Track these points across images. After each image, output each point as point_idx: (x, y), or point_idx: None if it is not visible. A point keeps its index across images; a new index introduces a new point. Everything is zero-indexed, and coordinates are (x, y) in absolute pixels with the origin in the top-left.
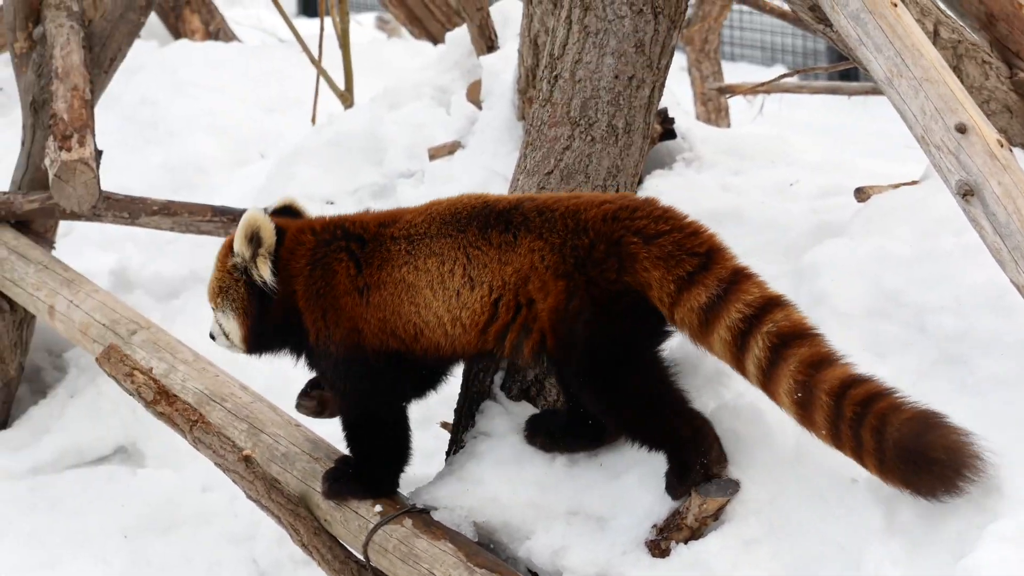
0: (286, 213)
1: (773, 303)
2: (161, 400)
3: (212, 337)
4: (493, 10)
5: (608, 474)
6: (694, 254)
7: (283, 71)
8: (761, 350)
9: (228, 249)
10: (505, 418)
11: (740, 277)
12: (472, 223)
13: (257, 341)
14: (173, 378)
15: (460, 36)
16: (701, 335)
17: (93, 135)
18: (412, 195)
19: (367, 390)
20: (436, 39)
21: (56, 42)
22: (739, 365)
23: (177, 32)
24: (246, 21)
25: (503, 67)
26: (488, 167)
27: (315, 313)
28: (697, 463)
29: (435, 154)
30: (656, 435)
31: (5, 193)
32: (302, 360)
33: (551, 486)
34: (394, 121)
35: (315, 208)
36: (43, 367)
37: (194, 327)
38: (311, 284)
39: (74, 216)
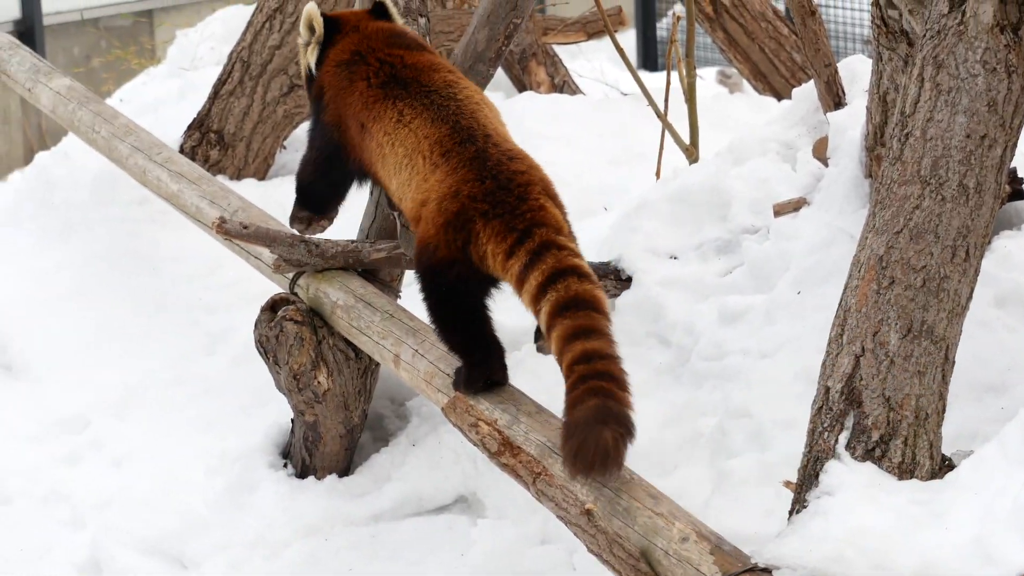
0: (379, 10)
1: (562, 273)
2: (505, 451)
3: None
4: (840, 66)
5: None
6: (515, 230)
7: (627, 124)
8: (544, 316)
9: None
10: (849, 477)
11: (544, 248)
12: (447, 124)
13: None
14: (516, 429)
15: (807, 92)
16: (520, 296)
17: None
18: (757, 251)
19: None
20: (780, 94)
21: None
22: (540, 322)
23: (522, 84)
24: (589, 73)
25: (850, 124)
26: (834, 224)
27: (332, 109)
28: (479, 375)
29: (780, 210)
30: (457, 348)
31: (353, 242)
32: None
33: (897, 545)
34: (739, 176)
35: (656, 260)
36: (386, 415)
37: (535, 379)
38: (333, 80)
39: None
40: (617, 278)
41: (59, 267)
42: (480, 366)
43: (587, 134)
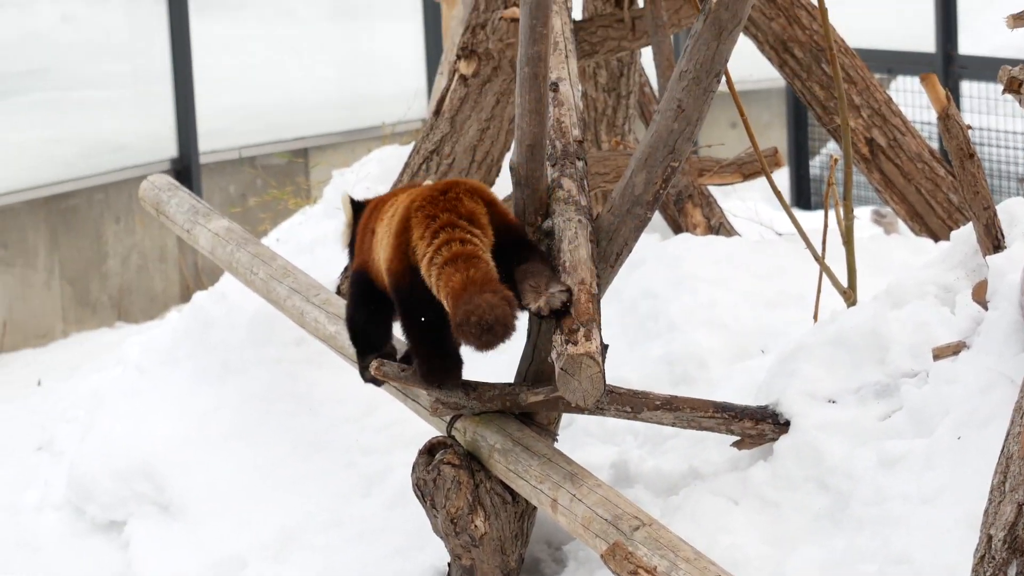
0: None
1: (449, 242)
2: None
3: None
4: (999, 208)
5: None
6: (432, 217)
7: (784, 265)
8: (434, 278)
9: None
10: None
11: (446, 226)
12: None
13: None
14: None
15: (965, 234)
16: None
17: (599, 329)
18: (916, 395)
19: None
20: (937, 235)
21: (564, 236)
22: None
23: (678, 226)
24: (743, 213)
25: (1009, 267)
26: (994, 369)
27: (357, 255)
28: (438, 376)
29: (939, 354)
30: (420, 352)
31: (510, 385)
32: None
33: None
34: (897, 319)
35: (814, 404)
36: (542, 559)
37: (694, 525)
38: (357, 238)
39: (577, 409)
40: (775, 422)
41: (217, 407)
42: (438, 368)
43: (744, 275)
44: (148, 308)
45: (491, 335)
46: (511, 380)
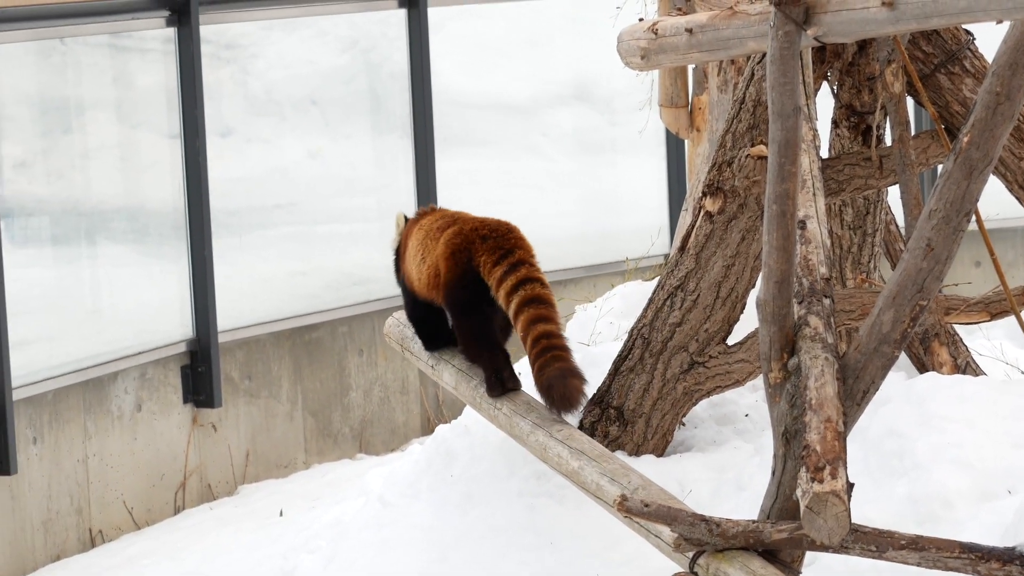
0: None
1: (529, 280)
2: None
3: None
4: None
5: None
6: (502, 248)
7: None
8: (514, 307)
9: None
10: None
11: (520, 263)
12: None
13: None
14: None
15: None
16: (496, 292)
17: (845, 467)
18: None
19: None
20: None
21: (810, 373)
22: (510, 312)
23: (923, 365)
24: (988, 352)
25: None
26: None
27: (403, 267)
28: (499, 382)
29: None
30: (476, 358)
31: (754, 522)
32: None
33: None
34: None
35: None
36: None
37: None
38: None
39: (822, 547)
40: (1022, 564)
41: (458, 540)
42: (498, 374)
43: (990, 415)
44: (389, 440)
45: (572, 408)
46: (755, 517)
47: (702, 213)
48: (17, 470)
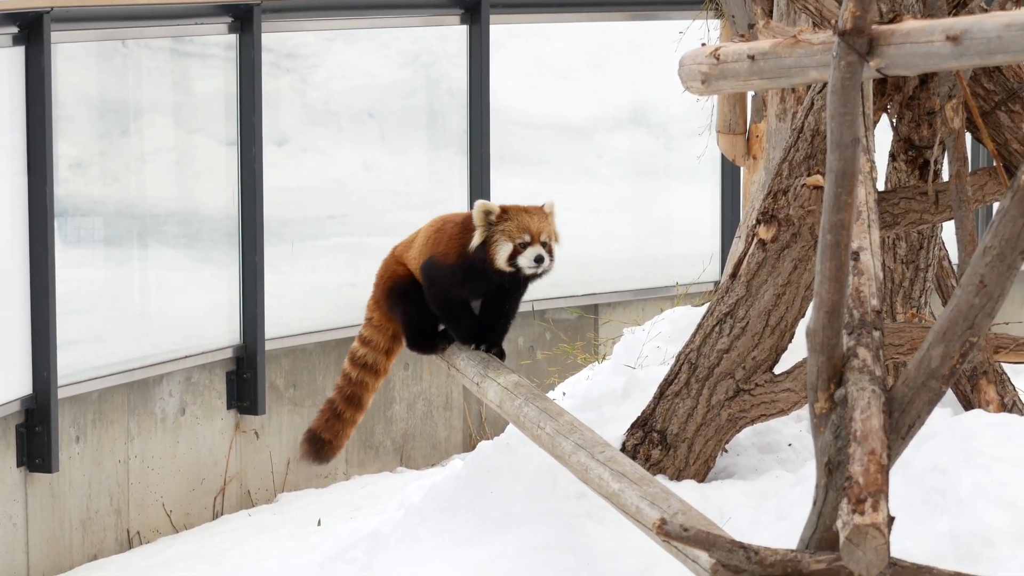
0: None
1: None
2: None
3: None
4: None
5: None
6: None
7: None
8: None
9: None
10: None
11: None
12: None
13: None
14: None
15: None
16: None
17: (887, 501)
18: None
19: None
20: None
21: (857, 405)
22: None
23: (968, 402)
24: None
25: None
26: None
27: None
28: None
29: None
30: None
31: (793, 551)
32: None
33: None
34: None
35: None
36: None
37: None
38: None
39: None
40: None
41: (494, 557)
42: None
43: None
44: (430, 455)
45: None
46: (794, 547)
47: (755, 241)
48: (58, 468)
